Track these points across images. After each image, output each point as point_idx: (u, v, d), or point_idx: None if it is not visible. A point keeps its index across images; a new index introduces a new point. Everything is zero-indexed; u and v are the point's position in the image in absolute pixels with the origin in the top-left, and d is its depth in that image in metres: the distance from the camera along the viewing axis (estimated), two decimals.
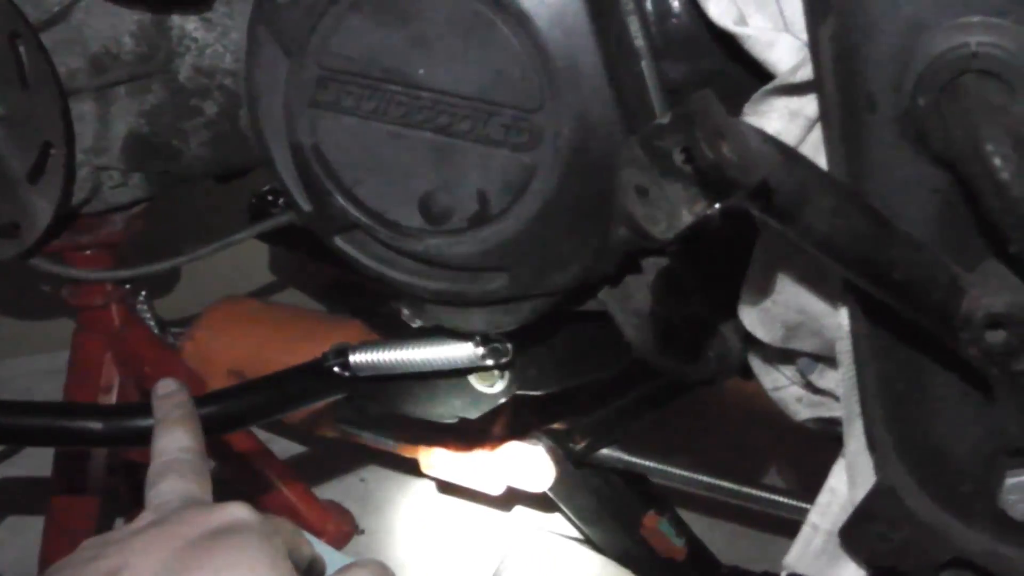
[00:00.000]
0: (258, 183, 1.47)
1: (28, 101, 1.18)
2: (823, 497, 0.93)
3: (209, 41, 1.19)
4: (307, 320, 1.63)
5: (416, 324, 1.07)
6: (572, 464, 1.48)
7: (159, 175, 1.29)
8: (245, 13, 1.13)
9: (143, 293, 1.42)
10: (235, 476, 1.61)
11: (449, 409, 1.11)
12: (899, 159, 0.74)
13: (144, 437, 0.93)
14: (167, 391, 0.93)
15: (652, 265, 1.00)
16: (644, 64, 0.91)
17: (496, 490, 1.52)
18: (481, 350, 1.07)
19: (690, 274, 0.99)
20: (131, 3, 1.18)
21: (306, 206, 0.98)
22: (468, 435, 1.47)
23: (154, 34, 1.20)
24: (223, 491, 0.83)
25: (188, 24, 1.19)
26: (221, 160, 1.28)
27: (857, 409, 0.88)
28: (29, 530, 1.72)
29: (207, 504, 0.79)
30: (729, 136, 0.62)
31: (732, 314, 0.95)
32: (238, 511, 0.76)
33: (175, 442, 0.86)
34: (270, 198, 1.49)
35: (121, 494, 1.61)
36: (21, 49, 1.17)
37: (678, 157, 0.64)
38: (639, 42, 0.91)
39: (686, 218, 0.64)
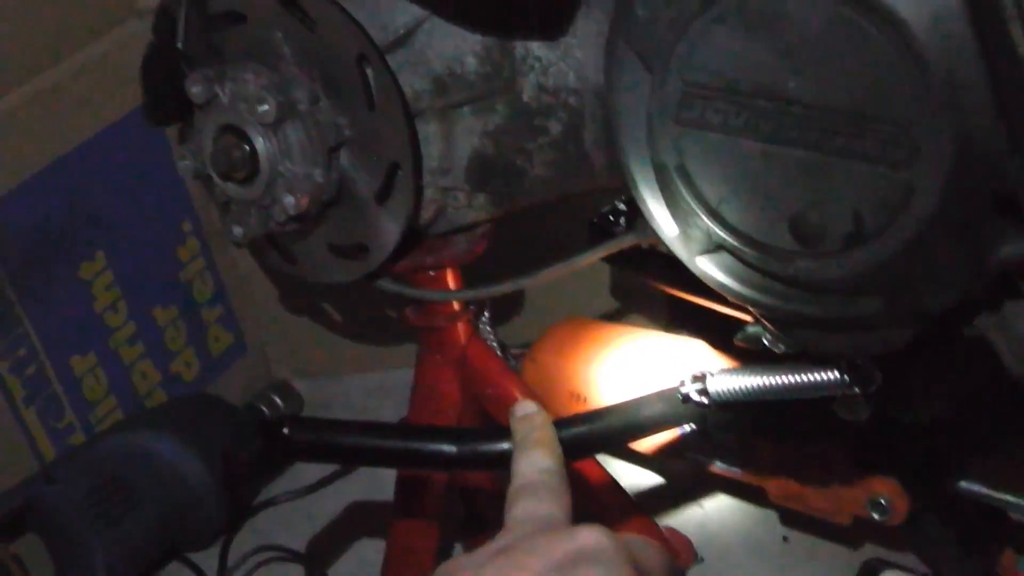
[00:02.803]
0: (599, 204, 1.45)
1: (375, 123, 1.20)
2: None
3: (553, 60, 1.18)
4: (652, 342, 1.60)
5: (779, 349, 1.03)
6: (927, 497, 1.41)
7: (502, 196, 1.29)
8: (588, 31, 1.13)
9: (486, 314, 1.42)
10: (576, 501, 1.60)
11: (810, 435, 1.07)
12: None
13: (498, 461, 0.93)
14: (526, 412, 0.92)
15: None
16: None
17: (845, 520, 1.46)
18: (849, 377, 1.01)
19: None
20: (475, 27, 1.19)
21: (668, 227, 0.95)
22: (821, 465, 1.41)
23: (498, 54, 1.20)
24: None
25: (531, 43, 1.18)
26: (564, 180, 1.28)
27: None
28: (366, 549, 1.75)
29: (565, 529, 0.77)
30: None
31: None
32: (596, 536, 0.73)
33: (535, 464, 0.85)
34: (612, 218, 1.46)
35: (459, 519, 1.62)
36: (368, 71, 1.18)
37: None
38: (1022, 50, 0.84)
39: None
